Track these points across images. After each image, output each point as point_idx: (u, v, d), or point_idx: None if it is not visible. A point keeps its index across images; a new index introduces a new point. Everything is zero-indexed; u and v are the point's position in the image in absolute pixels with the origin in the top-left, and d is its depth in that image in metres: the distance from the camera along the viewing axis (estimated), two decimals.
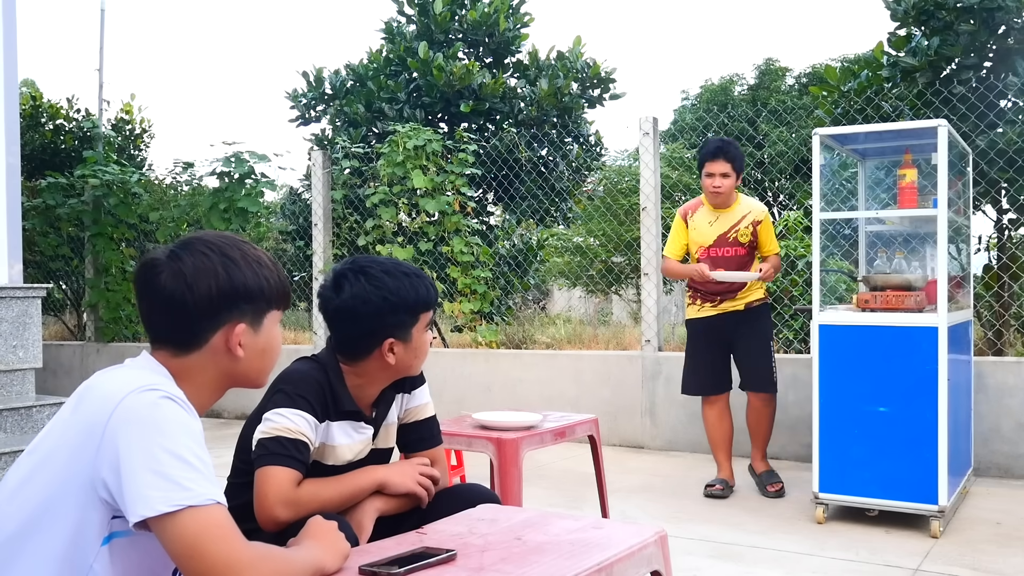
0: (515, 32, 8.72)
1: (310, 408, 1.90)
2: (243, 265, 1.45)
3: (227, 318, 1.43)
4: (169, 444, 1.25)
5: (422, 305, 1.99)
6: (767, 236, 4.42)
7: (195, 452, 1.27)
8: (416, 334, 2.00)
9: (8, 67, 5.37)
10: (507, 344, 7.35)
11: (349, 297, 1.94)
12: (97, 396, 1.31)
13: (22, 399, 5.02)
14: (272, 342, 1.51)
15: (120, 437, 1.25)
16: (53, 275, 9.35)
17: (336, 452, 1.99)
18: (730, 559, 3.41)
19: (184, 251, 1.43)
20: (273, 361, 1.53)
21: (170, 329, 1.43)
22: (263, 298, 1.48)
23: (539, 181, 8.24)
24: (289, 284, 1.57)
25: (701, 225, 4.44)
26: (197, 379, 1.44)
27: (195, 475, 1.25)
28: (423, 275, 2.04)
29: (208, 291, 1.41)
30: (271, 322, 1.51)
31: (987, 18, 5.25)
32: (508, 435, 3.06)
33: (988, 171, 5.26)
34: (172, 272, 1.41)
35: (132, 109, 10.64)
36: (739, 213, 4.41)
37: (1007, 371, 4.79)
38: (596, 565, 1.52)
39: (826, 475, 3.86)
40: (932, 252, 4.33)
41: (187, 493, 1.23)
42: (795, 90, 12.24)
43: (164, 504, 1.22)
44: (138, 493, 1.22)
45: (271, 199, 10.53)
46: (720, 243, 4.40)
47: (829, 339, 3.86)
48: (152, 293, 1.42)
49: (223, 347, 1.44)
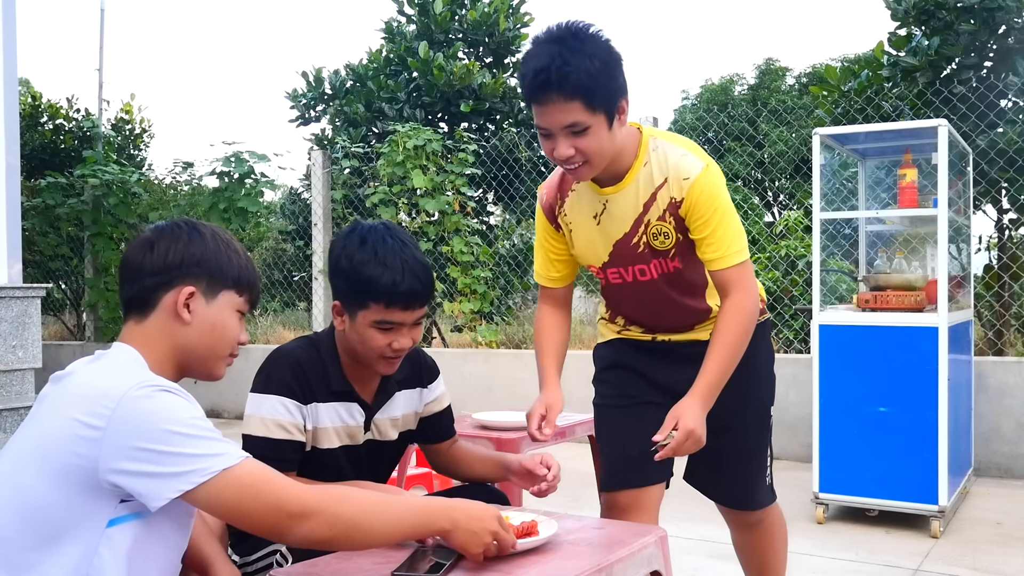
0: (515, 32, 8.72)
1: (287, 390, 1.83)
2: (209, 240, 1.53)
3: (180, 280, 1.48)
4: (180, 428, 1.31)
5: (375, 293, 1.77)
6: (704, 223, 1.97)
7: (204, 426, 1.34)
8: (361, 318, 1.81)
9: (8, 67, 5.37)
10: (507, 344, 7.34)
11: (341, 247, 1.84)
12: (93, 393, 1.32)
13: (22, 399, 5.02)
14: (224, 321, 1.52)
15: (129, 438, 1.28)
16: (53, 275, 9.35)
17: (326, 435, 1.90)
18: (730, 559, 3.41)
19: (164, 224, 1.54)
20: (224, 347, 1.53)
21: (129, 288, 1.49)
22: (220, 272, 1.51)
23: (539, 181, 8.23)
24: (258, 277, 1.60)
25: (580, 225, 2.13)
26: (156, 349, 1.47)
27: (217, 443, 1.32)
28: (415, 268, 1.79)
29: (166, 252, 1.48)
30: (227, 301, 1.53)
31: (987, 18, 5.25)
32: (508, 435, 3.06)
33: (988, 171, 5.26)
34: (144, 238, 1.52)
35: (132, 109, 10.64)
36: (641, 189, 2.01)
37: (1007, 371, 4.78)
38: (596, 565, 1.52)
39: (826, 475, 3.86)
40: (932, 252, 4.33)
41: (218, 459, 1.31)
42: (795, 90, 12.23)
43: (199, 476, 1.29)
44: (167, 473, 1.28)
45: (271, 199, 10.54)
46: (622, 258, 2.10)
47: (829, 339, 3.86)
48: (124, 258, 1.52)
49: (172, 309, 1.48)
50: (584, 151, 1.89)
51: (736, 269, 1.99)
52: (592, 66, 1.81)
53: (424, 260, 1.84)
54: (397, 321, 1.80)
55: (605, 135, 1.89)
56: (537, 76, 1.83)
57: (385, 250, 1.79)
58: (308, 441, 1.89)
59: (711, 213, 1.97)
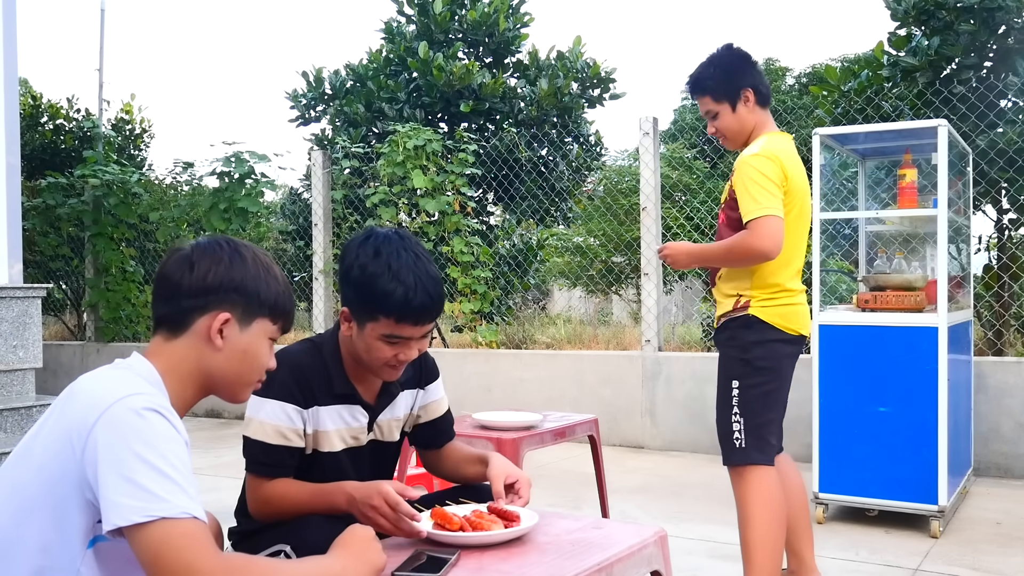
0: (515, 32, 8.71)
1: (287, 394, 1.84)
2: (250, 264, 1.50)
3: (216, 304, 1.46)
4: (150, 455, 1.24)
5: (386, 308, 1.76)
6: (737, 197, 2.68)
7: (176, 465, 1.26)
8: (369, 330, 1.80)
9: (8, 67, 5.38)
10: (507, 344, 7.34)
11: (354, 256, 1.83)
12: (84, 400, 1.31)
13: (22, 399, 5.02)
14: (255, 349, 1.50)
15: (102, 444, 1.25)
16: (53, 275, 9.35)
17: (327, 438, 1.90)
18: (730, 559, 3.41)
19: (204, 241, 1.51)
20: (253, 374, 1.51)
21: (164, 305, 1.47)
22: (258, 299, 1.49)
23: (539, 181, 8.24)
24: (293, 304, 1.57)
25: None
26: (180, 369, 1.45)
27: (173, 488, 1.24)
28: (427, 285, 1.78)
29: (206, 274, 1.45)
30: (260, 329, 1.50)
31: (987, 18, 5.25)
32: (508, 435, 3.06)
33: (988, 171, 5.26)
34: (183, 255, 1.48)
35: (132, 109, 10.65)
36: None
37: (1007, 371, 4.78)
38: (596, 565, 1.52)
39: (826, 475, 3.86)
40: (932, 252, 4.33)
41: (163, 505, 1.22)
42: (795, 90, 12.22)
43: (138, 514, 1.21)
44: (113, 501, 1.22)
45: (271, 199, 10.54)
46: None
47: (829, 339, 3.86)
48: (160, 273, 1.49)
49: (205, 333, 1.45)
50: (720, 129, 2.80)
51: (750, 223, 2.62)
52: (709, 71, 2.76)
53: (436, 274, 1.83)
54: (406, 336, 1.80)
55: (731, 117, 2.76)
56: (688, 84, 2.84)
57: (399, 264, 1.77)
58: (309, 445, 1.89)
59: (743, 187, 2.64)
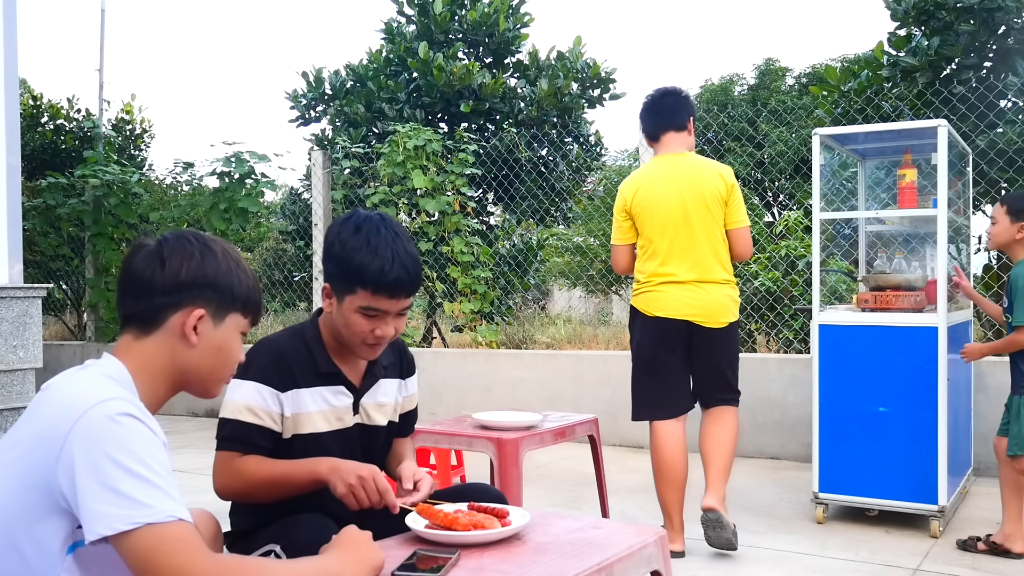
0: (515, 32, 8.71)
1: (263, 376, 1.88)
2: (221, 259, 1.48)
3: (190, 300, 1.44)
4: (129, 462, 1.23)
5: (363, 280, 1.82)
6: None
7: (156, 469, 1.25)
8: (348, 303, 1.86)
9: (8, 67, 5.38)
10: (507, 344, 7.35)
11: (336, 233, 1.89)
12: (58, 405, 1.28)
13: (22, 399, 5.02)
14: (229, 344, 1.49)
15: (79, 453, 1.22)
16: (53, 275, 9.36)
17: (309, 420, 1.92)
18: (730, 559, 3.41)
19: (171, 236, 1.48)
20: (226, 369, 1.51)
21: (135, 303, 1.44)
22: (230, 295, 1.48)
23: (539, 181, 8.23)
24: (262, 297, 1.57)
25: None
26: (152, 367, 1.43)
27: (156, 492, 1.23)
28: (404, 260, 1.84)
29: (178, 270, 1.43)
30: (233, 324, 1.50)
31: (987, 18, 5.26)
32: (508, 435, 3.06)
33: (988, 171, 5.26)
34: (151, 251, 1.45)
35: (132, 109, 10.65)
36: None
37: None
38: (596, 565, 1.52)
39: (826, 475, 3.86)
40: (932, 252, 4.33)
41: (147, 511, 1.21)
42: (795, 90, 12.21)
43: (122, 523, 1.19)
44: (96, 511, 1.20)
45: (271, 199, 10.53)
46: None
47: (829, 339, 3.86)
48: (128, 269, 1.46)
49: (179, 330, 1.44)
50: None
51: None
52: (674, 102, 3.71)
53: (414, 252, 1.89)
54: (382, 309, 1.85)
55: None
56: None
57: (378, 239, 1.83)
58: (288, 429, 1.91)
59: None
